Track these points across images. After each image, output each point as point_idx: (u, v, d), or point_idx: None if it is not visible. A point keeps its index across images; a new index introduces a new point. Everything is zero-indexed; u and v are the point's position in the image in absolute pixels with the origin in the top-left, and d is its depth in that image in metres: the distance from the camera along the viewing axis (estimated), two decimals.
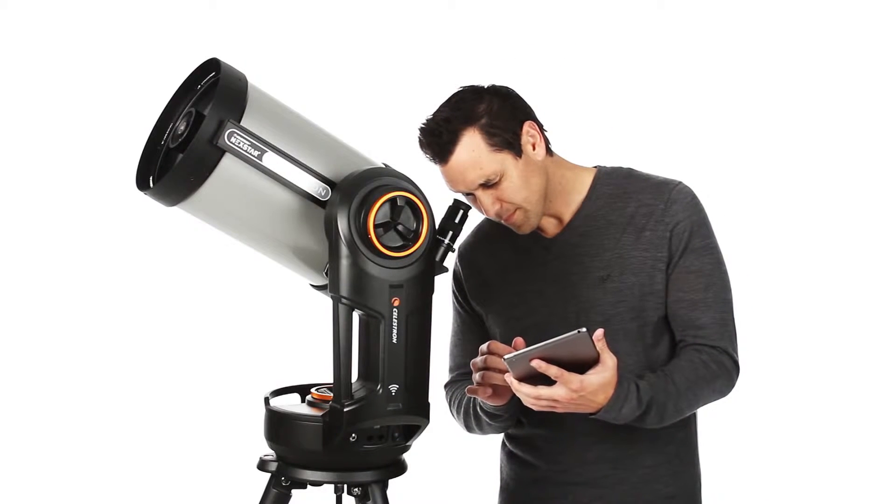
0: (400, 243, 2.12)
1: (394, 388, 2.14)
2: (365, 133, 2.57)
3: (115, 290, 4.53)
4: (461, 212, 2.27)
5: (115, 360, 4.51)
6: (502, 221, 2.34)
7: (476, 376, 2.23)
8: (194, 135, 2.05)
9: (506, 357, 2.09)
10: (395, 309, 2.12)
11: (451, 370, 2.58)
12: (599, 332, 2.09)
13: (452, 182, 2.31)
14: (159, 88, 2.35)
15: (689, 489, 2.44)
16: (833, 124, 4.48)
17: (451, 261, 2.29)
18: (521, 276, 2.42)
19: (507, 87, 2.34)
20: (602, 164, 2.45)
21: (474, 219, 2.45)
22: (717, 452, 2.93)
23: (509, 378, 2.12)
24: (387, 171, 2.16)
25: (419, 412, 2.18)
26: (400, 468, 2.25)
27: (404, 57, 4.47)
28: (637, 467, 2.38)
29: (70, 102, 4.46)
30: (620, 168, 2.44)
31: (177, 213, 2.19)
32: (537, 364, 2.06)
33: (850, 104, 4.47)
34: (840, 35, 4.44)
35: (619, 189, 2.39)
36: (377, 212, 2.09)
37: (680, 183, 2.37)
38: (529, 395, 2.11)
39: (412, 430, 2.21)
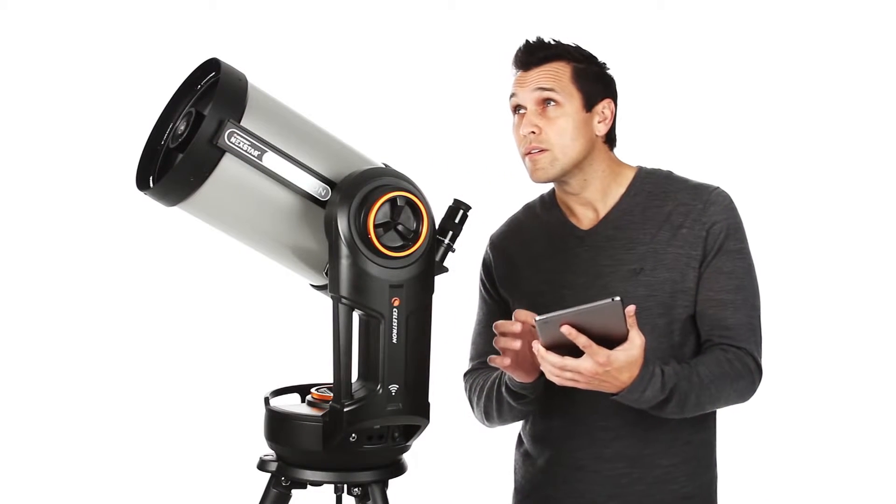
0: (400, 243, 2.12)
1: (394, 388, 2.14)
2: (365, 133, 2.57)
3: (115, 290, 4.52)
4: (461, 212, 2.27)
5: (115, 361, 4.51)
6: (525, 158, 2.37)
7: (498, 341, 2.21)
8: (194, 135, 2.05)
9: (537, 319, 2.07)
10: (395, 309, 2.12)
11: (471, 359, 2.58)
12: (631, 309, 2.08)
13: (520, 85, 2.36)
14: (159, 88, 2.35)
15: (705, 490, 2.44)
16: (836, 124, 4.48)
17: (451, 260, 2.29)
18: (553, 265, 2.43)
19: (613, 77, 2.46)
20: (643, 165, 2.48)
21: (488, 216, 2.46)
22: (733, 454, 2.92)
23: (536, 346, 2.10)
24: (387, 171, 2.16)
25: (419, 412, 2.18)
26: (400, 468, 2.25)
27: (404, 57, 4.47)
28: (654, 467, 2.38)
29: (70, 102, 4.46)
30: (660, 170, 2.48)
31: (177, 213, 2.19)
32: (567, 331, 2.04)
33: (853, 103, 4.46)
34: (841, 34, 4.44)
35: (658, 188, 2.42)
36: (377, 212, 2.09)
37: (718, 187, 2.41)
38: (555, 364, 2.09)
39: (412, 431, 2.21)
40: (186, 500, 4.37)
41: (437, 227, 2.22)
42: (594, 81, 2.39)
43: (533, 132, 2.34)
